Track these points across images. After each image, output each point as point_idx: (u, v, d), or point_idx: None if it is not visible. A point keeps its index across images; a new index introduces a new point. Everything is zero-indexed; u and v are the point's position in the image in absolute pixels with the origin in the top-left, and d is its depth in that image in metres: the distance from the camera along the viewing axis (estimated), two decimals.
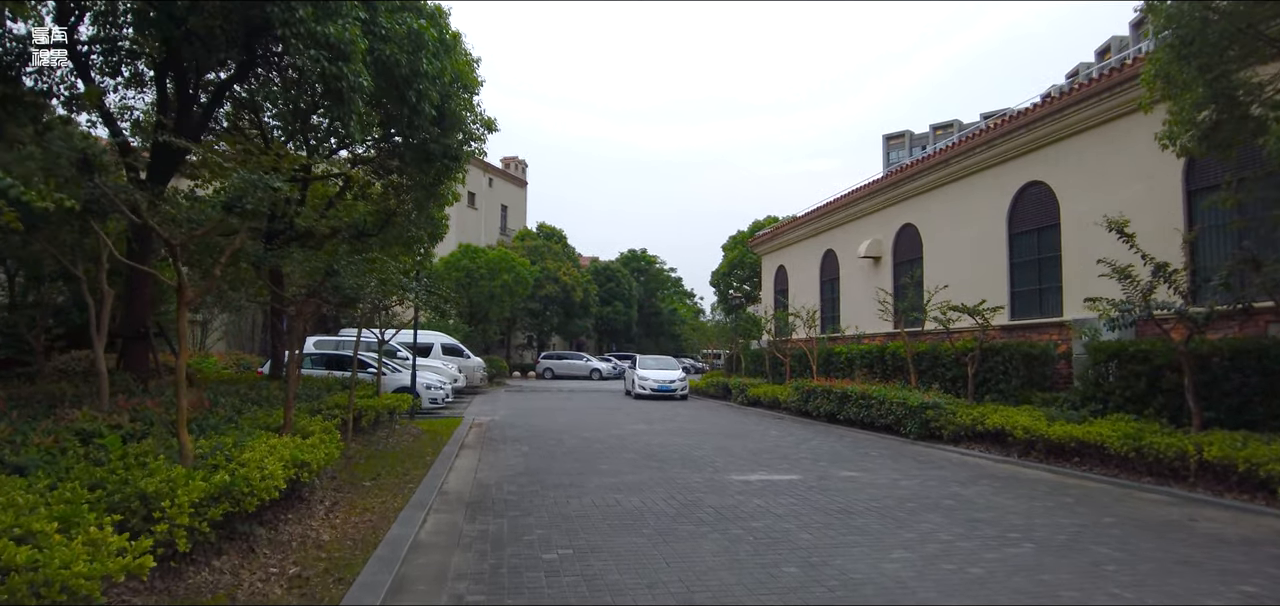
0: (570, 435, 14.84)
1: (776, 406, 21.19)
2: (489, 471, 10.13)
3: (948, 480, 10.07)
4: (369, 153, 14.52)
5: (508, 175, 59.84)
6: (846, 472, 10.50)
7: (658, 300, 63.99)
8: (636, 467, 10.65)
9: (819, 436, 15.13)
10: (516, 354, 50.59)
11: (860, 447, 13.50)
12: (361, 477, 8.74)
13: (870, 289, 22.31)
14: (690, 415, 20.29)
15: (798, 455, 12.25)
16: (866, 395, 16.13)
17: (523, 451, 12.25)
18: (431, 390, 19.55)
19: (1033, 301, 16.32)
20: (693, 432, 15.59)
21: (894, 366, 18.19)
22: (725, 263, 44.27)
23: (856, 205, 23.35)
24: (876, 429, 15.73)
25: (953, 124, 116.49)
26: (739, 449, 12.88)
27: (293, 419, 7.63)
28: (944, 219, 19.20)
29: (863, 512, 7.84)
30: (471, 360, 29.76)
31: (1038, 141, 16.00)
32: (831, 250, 25.39)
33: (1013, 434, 12.24)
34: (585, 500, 8.23)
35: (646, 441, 13.89)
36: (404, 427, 13.95)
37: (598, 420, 18.32)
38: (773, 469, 10.69)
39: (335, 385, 15.65)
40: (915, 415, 14.40)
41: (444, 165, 13.08)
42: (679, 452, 12.27)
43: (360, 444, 11.36)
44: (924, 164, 19.71)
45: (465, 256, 37.71)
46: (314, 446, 6.57)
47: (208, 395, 8.37)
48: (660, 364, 29.58)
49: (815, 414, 18.41)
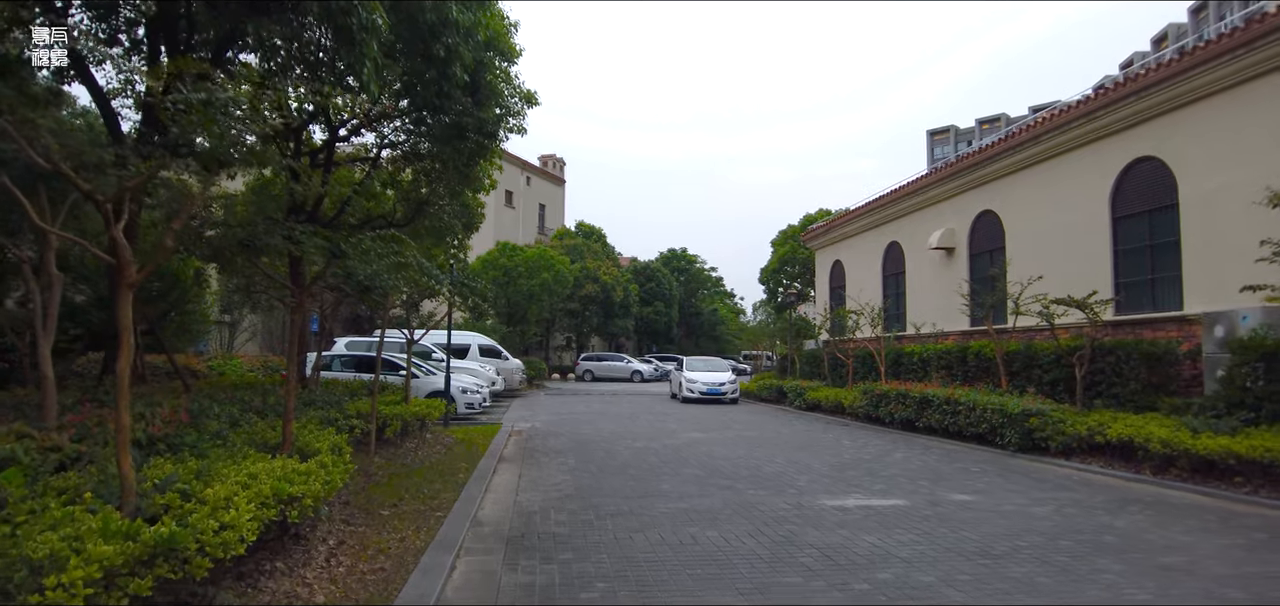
0: (620, 445, 13.27)
1: (840, 412, 19.36)
2: (532, 492, 8.59)
3: (1087, 506, 8.25)
4: (396, 134, 13.13)
5: (545, 173, 58.66)
6: (958, 495, 8.74)
7: (698, 300, 62.24)
8: (704, 487, 9.01)
9: (900, 447, 13.33)
10: (555, 355, 49.26)
11: (954, 461, 11.70)
12: (380, 503, 7.26)
13: (943, 283, 20.35)
14: (747, 421, 18.58)
15: (887, 471, 10.50)
16: (952, 400, 14.27)
17: (569, 465, 10.71)
18: (467, 394, 18.16)
19: (1142, 293, 14.28)
20: (756, 442, 13.90)
21: (978, 368, 16.27)
22: (774, 259, 42.25)
23: (926, 192, 21.39)
24: (965, 438, 13.87)
25: (1000, 117, 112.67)
26: (816, 464, 11.17)
27: (293, 435, 6.18)
28: (1030, 204, 17.19)
29: (1010, 556, 6.11)
30: (509, 362, 28.43)
31: (1149, 111, 13.97)
32: (895, 242, 23.43)
33: (1146, 447, 10.33)
34: (652, 535, 6.62)
35: (707, 453, 12.24)
36: (436, 437, 12.52)
37: (647, 427, 16.72)
38: (867, 490, 8.97)
39: (362, 390, 14.32)
40: (1015, 423, 12.52)
41: (478, 143, 11.59)
42: (748, 468, 10.61)
43: (385, 458, 9.93)
44: (1007, 144, 17.72)
45: (503, 254, 36.45)
46: (310, 473, 5.08)
47: (193, 405, 7.00)
48: (709, 365, 27.87)
49: (887, 420, 16.57)
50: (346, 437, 8.32)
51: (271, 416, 8.13)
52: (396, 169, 14.61)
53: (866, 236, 25.38)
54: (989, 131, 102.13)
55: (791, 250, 40.36)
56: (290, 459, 5.56)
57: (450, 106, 10.61)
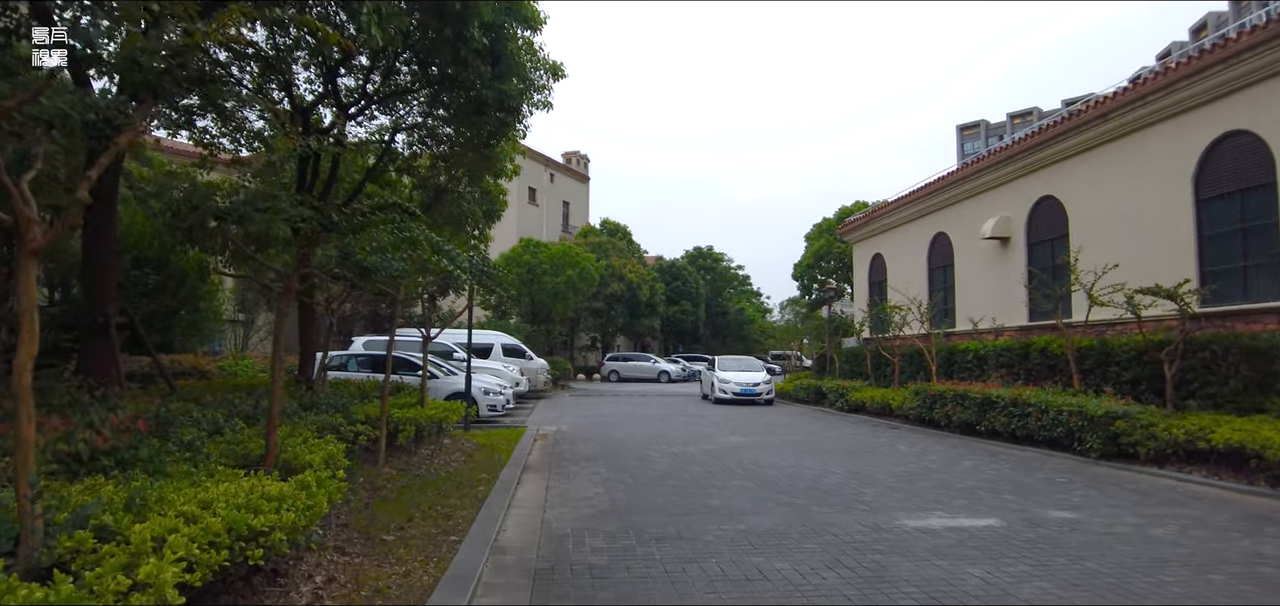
0: (655, 450, 12.13)
1: (888, 414, 18.04)
2: (561, 508, 7.48)
3: (1214, 526, 6.96)
4: (411, 114, 12.13)
5: (569, 170, 57.67)
6: (1056, 512, 7.48)
7: (725, 299, 60.90)
8: (758, 503, 7.84)
9: (964, 453, 12.05)
10: (580, 355, 48.20)
11: (1032, 469, 10.41)
12: (385, 525, 6.18)
13: (997, 275, 18.97)
14: (788, 424, 17.34)
15: (961, 483, 9.25)
16: (1020, 401, 12.94)
17: (602, 475, 9.59)
18: (490, 396, 17.11)
19: (1233, 282, 12.85)
20: (804, 448, 12.68)
21: (1044, 365, 14.89)
22: (809, 254, 40.77)
23: (977, 178, 19.99)
24: (1036, 442, 12.54)
25: (1032, 112, 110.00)
26: (879, 474, 9.93)
27: (278, 446, 5.13)
28: (1097, 187, 15.77)
29: (1155, 591, 4.88)
30: (534, 362, 27.41)
31: (1241, 80, 12.54)
32: (942, 233, 22.03)
33: (1262, 454, 8.99)
34: (709, 565, 5.47)
35: (753, 460, 11.06)
36: (456, 442, 11.47)
37: (682, 430, 15.56)
38: (948, 507, 7.74)
39: (377, 392, 13.32)
40: (1098, 427, 11.19)
41: (499, 119, 10.54)
42: (805, 479, 9.41)
43: (396, 467, 8.87)
44: (1070, 123, 16.30)
45: (527, 251, 35.46)
46: (286, 499, 4.00)
47: (164, 410, 5.98)
48: (742, 365, 26.62)
49: (943, 423, 15.25)
50: (347, 447, 7.29)
51: (262, 422, 7.10)
52: (413, 155, 13.62)
53: (910, 227, 23.99)
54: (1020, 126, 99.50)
55: (827, 244, 38.90)
56: (268, 477, 4.49)
57: (468, 77, 9.55)
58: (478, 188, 13.29)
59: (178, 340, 18.31)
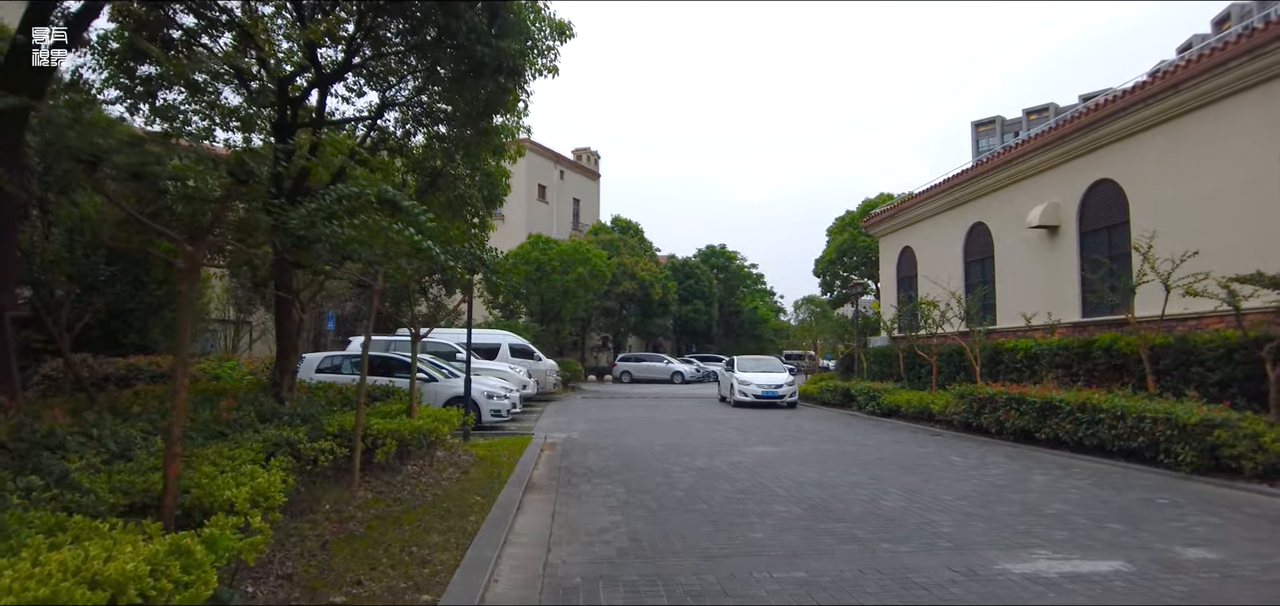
0: (677, 463, 10.68)
1: (927, 419, 16.49)
2: (570, 546, 6.04)
3: None
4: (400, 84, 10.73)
5: (579, 167, 56.28)
6: (1189, 552, 5.96)
7: (738, 298, 59.35)
8: (812, 537, 6.36)
9: (1032, 465, 10.54)
10: (591, 356, 46.79)
11: (1120, 487, 8.88)
12: (339, 579, 4.75)
13: (1044, 267, 17.41)
14: (818, 430, 15.84)
15: (1047, 506, 7.73)
16: (1089, 406, 11.41)
17: (618, 497, 8.14)
18: (494, 400, 15.70)
19: None
20: (844, 460, 11.20)
21: (1108, 365, 13.34)
22: (831, 248, 39.06)
23: (1020, 163, 18.41)
24: (1109, 453, 11.01)
25: (1047, 108, 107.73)
26: (944, 494, 8.43)
27: (176, 482, 3.71)
28: (1165, 167, 14.17)
29: None
30: (543, 363, 26.02)
31: None
32: (980, 223, 20.44)
33: None
34: None
35: (792, 476, 9.58)
36: (451, 454, 10.07)
37: (704, 438, 14.10)
38: (1050, 542, 6.23)
39: (378, 394, 11.95)
40: (1192, 437, 9.63)
41: (499, 85, 9.12)
42: (859, 502, 7.91)
43: (374, 489, 7.45)
44: (1133, 97, 14.69)
45: (536, 248, 34.06)
46: (150, 573, 2.58)
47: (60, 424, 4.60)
48: (762, 365, 25.08)
49: (993, 430, 13.70)
50: (306, 470, 5.90)
51: (200, 438, 5.70)
52: (407, 133, 12.21)
53: (943, 218, 22.41)
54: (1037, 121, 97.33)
55: (851, 238, 37.24)
56: (154, 530, 3.07)
57: (458, 28, 8.13)
58: (478, 170, 11.87)
59: (160, 340, 17.01)
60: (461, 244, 10.14)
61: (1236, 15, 77.60)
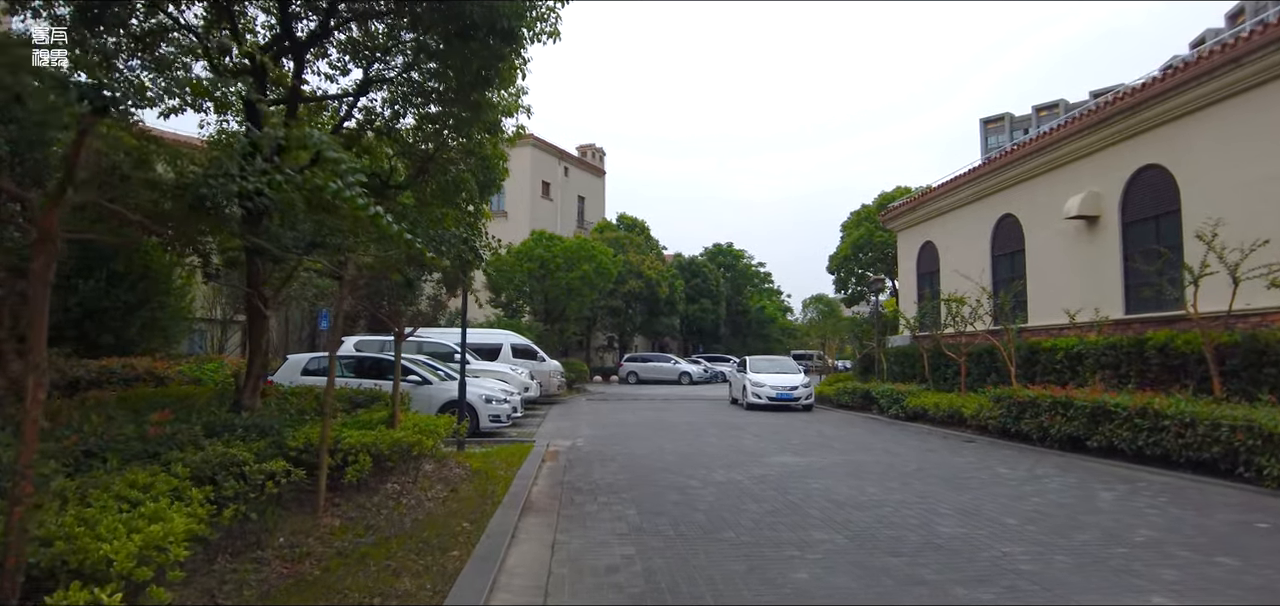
0: (693, 477, 9.58)
1: (959, 423, 15.33)
2: (572, 595, 4.94)
3: None
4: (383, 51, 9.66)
5: (584, 163, 55.15)
6: None
7: (745, 298, 58.14)
8: (869, 580, 5.23)
9: (1091, 479, 9.40)
10: (596, 356, 45.68)
11: (1202, 507, 7.74)
12: None
13: (1083, 260, 16.27)
14: (842, 436, 14.71)
15: (1131, 533, 6.59)
16: (1150, 411, 10.28)
17: (630, 522, 7.03)
18: (492, 404, 14.60)
19: None
20: (879, 472, 10.07)
21: (1163, 366, 12.20)
22: (846, 244, 37.83)
23: (1054, 150, 17.24)
24: (1176, 466, 9.87)
25: (1058, 104, 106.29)
26: (1007, 517, 7.30)
27: (20, 538, 2.64)
28: (1221, 150, 12.99)
29: None
30: (547, 364, 24.96)
31: None
32: (1010, 215, 19.28)
33: None
34: None
35: (825, 493, 8.46)
36: (441, 467, 8.98)
37: (719, 445, 12.99)
38: (1161, 586, 5.09)
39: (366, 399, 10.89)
40: (1278, 448, 8.50)
41: (491, 50, 8.04)
42: (912, 529, 6.78)
43: (344, 515, 6.36)
44: (1184, 75, 13.52)
45: (539, 245, 32.97)
46: None
47: None
48: (776, 366, 23.94)
49: (1035, 437, 12.56)
50: (251, 498, 4.82)
51: (116, 462, 4.62)
52: (396, 113, 11.14)
53: (968, 210, 21.23)
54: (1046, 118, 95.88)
55: (867, 233, 36.04)
56: None
57: None
58: (472, 154, 10.77)
59: (138, 340, 16.00)
60: (449, 227, 9.06)
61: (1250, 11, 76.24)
